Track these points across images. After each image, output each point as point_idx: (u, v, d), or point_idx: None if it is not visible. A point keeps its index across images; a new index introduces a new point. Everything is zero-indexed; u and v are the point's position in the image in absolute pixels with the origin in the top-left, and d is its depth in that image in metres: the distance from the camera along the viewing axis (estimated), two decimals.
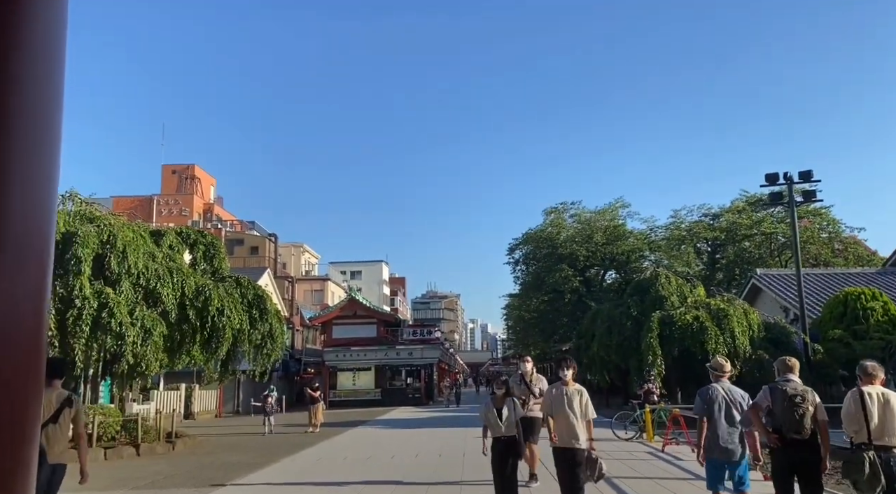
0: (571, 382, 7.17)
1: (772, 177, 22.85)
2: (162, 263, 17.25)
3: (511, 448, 7.44)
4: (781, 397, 5.95)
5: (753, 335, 20.47)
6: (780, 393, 5.99)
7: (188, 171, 58.72)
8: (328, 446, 16.73)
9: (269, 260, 49.35)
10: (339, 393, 37.72)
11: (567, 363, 7.26)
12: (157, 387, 29.60)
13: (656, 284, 22.06)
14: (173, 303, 16.92)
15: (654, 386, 17.01)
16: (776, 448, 5.97)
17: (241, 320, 17.95)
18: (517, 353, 77.60)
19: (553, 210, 39.77)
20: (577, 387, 7.16)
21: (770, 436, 5.98)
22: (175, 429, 18.49)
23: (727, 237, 35.17)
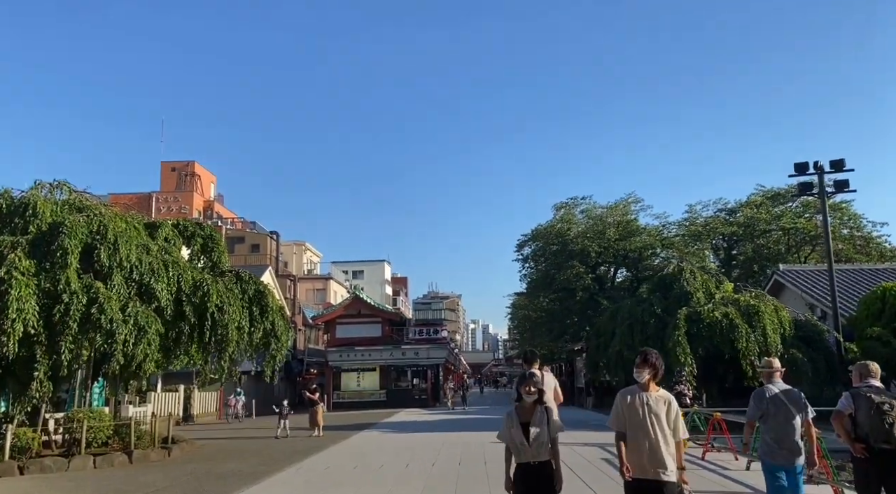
0: (654, 386, 5.03)
1: (801, 166, 21.69)
2: (157, 256, 16.08)
3: (544, 479, 5.12)
4: (867, 404, 5.66)
5: (785, 333, 19.30)
6: (864, 400, 5.70)
7: (188, 168, 57.60)
8: (335, 452, 15.56)
9: (270, 259, 48.21)
10: (344, 394, 36.53)
11: (648, 359, 4.99)
12: (155, 389, 28.43)
13: (681, 280, 20.87)
14: (169, 299, 15.73)
15: (686, 388, 15.84)
16: (862, 458, 5.65)
17: (242, 317, 16.77)
18: (521, 353, 76.30)
19: (563, 205, 38.62)
20: (661, 394, 5.02)
21: (856, 445, 5.67)
22: (171, 434, 17.36)
23: (745, 232, 33.98)
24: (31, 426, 14.86)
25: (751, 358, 18.53)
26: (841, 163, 21.16)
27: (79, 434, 14.26)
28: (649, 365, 5.01)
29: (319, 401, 21.10)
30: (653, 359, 5.02)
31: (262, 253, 49.23)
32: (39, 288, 13.80)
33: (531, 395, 5.26)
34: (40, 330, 13.79)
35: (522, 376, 5.44)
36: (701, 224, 35.52)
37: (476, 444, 15.92)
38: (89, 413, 14.90)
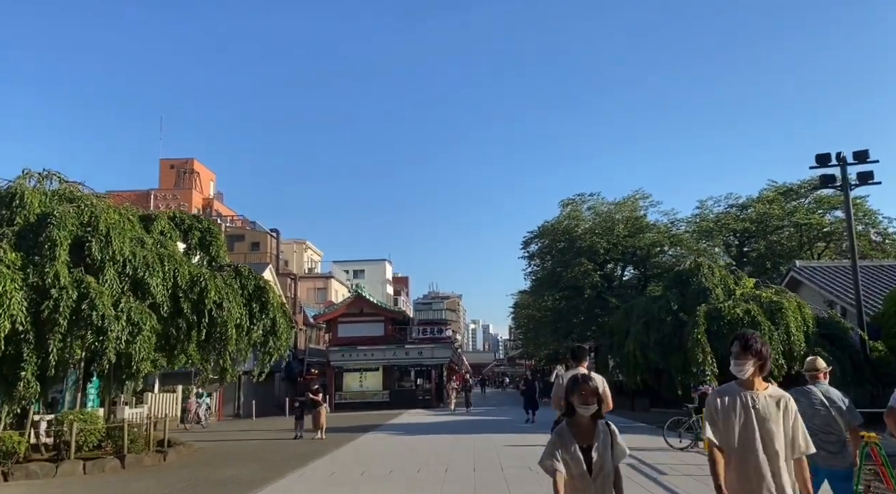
0: (760, 382, 3.65)
1: (823, 157, 20.83)
2: (152, 250, 15.26)
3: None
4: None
5: (808, 331, 18.47)
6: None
7: (187, 165, 56.82)
8: (340, 456, 14.73)
9: (270, 257, 47.40)
10: (346, 395, 35.68)
11: (750, 345, 3.59)
12: (152, 390, 27.61)
13: (698, 275, 20.04)
14: (165, 295, 14.91)
15: (710, 389, 14.99)
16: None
17: (242, 314, 15.95)
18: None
19: (570, 201, 37.73)
20: (772, 393, 3.64)
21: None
22: (167, 437, 16.55)
23: (757, 229, 33.13)
24: (19, 429, 14.08)
25: (775, 357, 17.70)
26: (865, 154, 20.33)
27: (68, 438, 13.44)
28: (753, 353, 3.57)
29: (322, 402, 20.28)
30: (757, 346, 3.60)
31: (263, 252, 48.43)
32: (26, 283, 12.99)
33: (589, 406, 3.80)
34: (28, 327, 12.96)
35: (575, 379, 3.94)
36: (712, 220, 34.66)
37: (488, 447, 15.11)
38: (80, 415, 14.08)
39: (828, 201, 33.06)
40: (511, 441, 16.33)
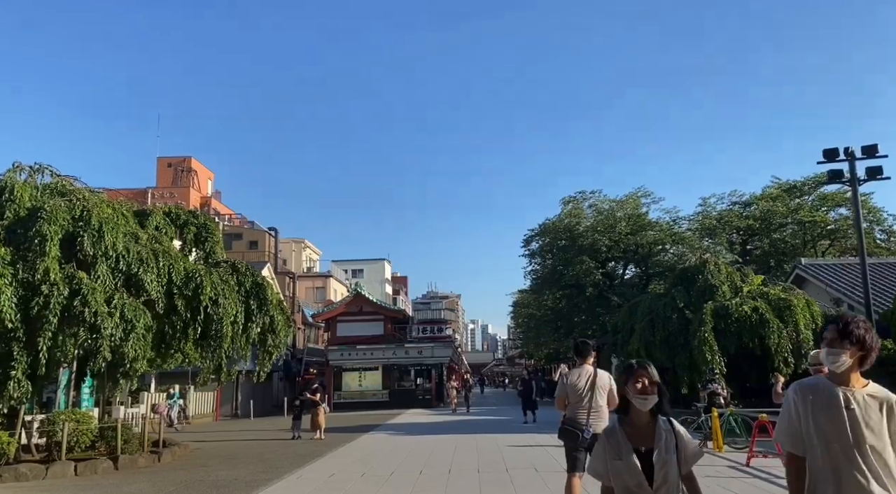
0: (858, 378, 2.82)
1: (831, 152, 20.39)
2: (146, 245, 14.86)
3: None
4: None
5: (817, 328, 18.09)
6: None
7: (184, 164, 56.43)
8: (339, 457, 14.34)
9: (269, 255, 47.02)
10: (345, 395, 35.27)
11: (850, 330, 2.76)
12: (148, 389, 27.21)
13: (704, 272, 19.67)
14: (159, 292, 14.51)
15: (720, 387, 14.64)
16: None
17: (238, 312, 15.55)
18: (524, 352, 74.92)
19: (571, 199, 37.35)
20: (874, 391, 2.80)
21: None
22: (163, 437, 16.16)
23: (761, 226, 32.76)
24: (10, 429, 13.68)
25: (784, 356, 17.36)
26: (874, 148, 19.88)
27: (60, 438, 13.04)
28: (853, 340, 2.76)
29: (321, 402, 19.87)
30: (859, 331, 2.76)
31: (261, 250, 48.05)
32: (16, 279, 12.59)
33: (648, 398, 3.00)
34: (17, 325, 12.56)
35: (629, 367, 3.16)
36: (715, 217, 34.28)
37: (491, 448, 14.72)
38: (72, 415, 13.66)
39: (832, 198, 32.76)
40: (514, 442, 15.94)
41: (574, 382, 6.81)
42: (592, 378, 6.84)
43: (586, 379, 6.82)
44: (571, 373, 6.98)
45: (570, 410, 6.82)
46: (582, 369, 6.93)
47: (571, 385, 6.82)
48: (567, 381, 6.88)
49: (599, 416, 6.72)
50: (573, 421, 6.75)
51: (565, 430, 6.78)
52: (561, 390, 7.01)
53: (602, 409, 6.77)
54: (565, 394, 6.90)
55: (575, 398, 6.78)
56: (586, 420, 6.66)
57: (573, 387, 6.80)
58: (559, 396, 7.03)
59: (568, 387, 6.84)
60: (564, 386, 6.90)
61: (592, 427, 6.61)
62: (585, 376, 6.85)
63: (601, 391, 6.79)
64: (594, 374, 6.87)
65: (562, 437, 6.83)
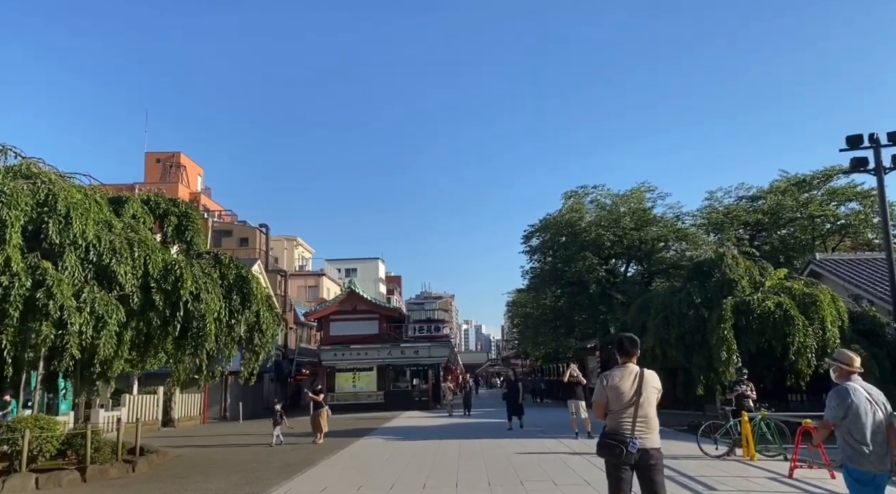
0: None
1: (854, 139, 19.25)
2: (121, 234, 13.57)
3: None
4: None
5: (843, 325, 16.97)
6: None
7: (173, 159, 55.04)
8: (332, 466, 13.06)
9: (259, 253, 45.68)
10: (338, 396, 33.91)
11: None
12: (131, 391, 25.84)
13: (721, 266, 18.48)
14: (134, 285, 13.24)
15: (748, 388, 13.44)
16: None
17: (221, 307, 14.27)
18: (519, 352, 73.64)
19: (573, 193, 36.11)
20: None
21: None
22: (140, 443, 14.85)
23: (770, 220, 31.62)
24: None
25: (808, 356, 16.19)
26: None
27: (21, 447, 11.72)
28: None
29: (324, 404, 18.65)
30: None
31: (251, 248, 46.71)
32: None
33: None
34: None
35: None
36: (722, 212, 33.12)
37: (498, 456, 13.47)
38: (35, 422, 12.34)
39: (842, 193, 31.68)
40: (523, 448, 14.71)
41: (616, 384, 5.53)
42: (639, 379, 5.58)
43: (632, 381, 5.55)
44: (612, 374, 5.69)
45: (613, 419, 5.55)
46: (626, 369, 5.66)
47: (613, 388, 5.53)
48: (608, 383, 5.59)
49: (648, 426, 5.47)
50: (616, 433, 5.48)
51: (606, 444, 5.51)
52: (600, 394, 5.73)
53: (651, 418, 5.52)
54: (606, 400, 5.63)
55: (618, 404, 5.51)
56: (631, 431, 5.41)
57: (616, 391, 5.52)
58: (598, 402, 5.75)
59: (609, 391, 5.57)
60: (604, 390, 5.61)
61: (640, 439, 5.37)
62: (631, 377, 5.58)
63: (651, 395, 5.54)
64: (641, 375, 5.61)
65: (602, 452, 5.56)
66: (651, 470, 5.38)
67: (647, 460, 5.35)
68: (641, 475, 5.41)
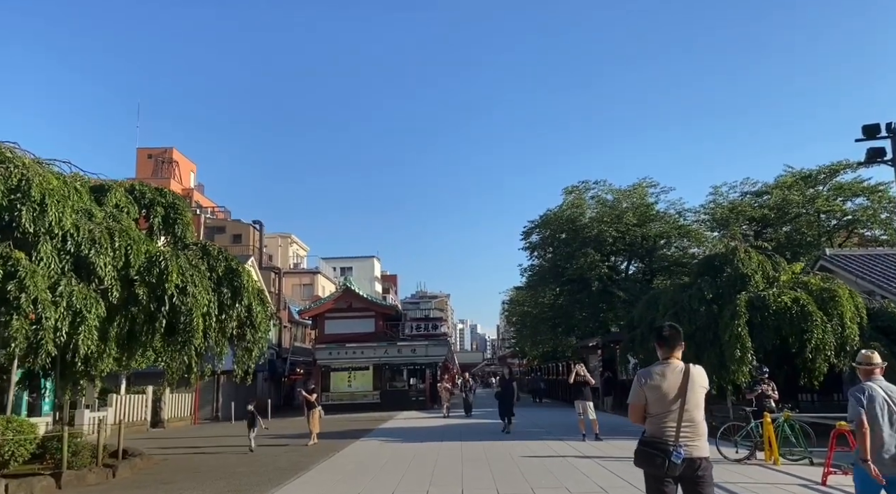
0: None
1: (871, 128, 18.57)
2: (101, 223, 12.73)
3: None
4: None
5: (862, 322, 16.22)
6: None
7: (165, 155, 54.05)
8: (326, 472, 12.25)
9: (253, 250, 44.79)
10: (333, 396, 33.06)
11: None
12: (118, 391, 24.94)
13: (734, 260, 17.71)
14: (115, 277, 12.40)
15: (770, 388, 12.67)
16: None
17: (210, 301, 13.43)
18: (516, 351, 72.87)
19: (574, 189, 35.36)
20: None
21: None
22: (123, 446, 14.01)
23: (776, 216, 30.90)
24: None
25: (827, 353, 15.44)
26: None
27: None
28: None
29: (317, 404, 17.82)
30: None
31: (245, 245, 45.85)
32: None
33: None
34: None
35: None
36: (727, 207, 32.37)
37: (504, 459, 12.67)
38: (6, 423, 11.49)
39: (849, 188, 31.01)
40: (528, 451, 13.92)
41: (657, 383, 4.71)
42: (685, 377, 4.77)
43: (677, 380, 4.75)
44: (652, 371, 4.87)
45: (654, 424, 4.73)
46: (669, 365, 4.83)
47: (654, 387, 4.71)
48: (647, 382, 4.77)
49: (695, 432, 4.65)
50: (657, 440, 4.65)
51: (645, 453, 4.68)
52: (637, 395, 4.89)
53: (699, 423, 4.72)
54: (644, 401, 4.82)
55: (660, 406, 4.68)
56: (676, 437, 4.60)
57: (657, 391, 4.70)
58: (636, 404, 4.92)
59: (648, 391, 4.74)
60: (643, 389, 4.78)
61: (686, 447, 4.56)
62: (675, 375, 4.77)
63: (698, 396, 4.74)
64: (687, 372, 4.80)
65: (641, 463, 4.73)
66: (699, 484, 4.58)
67: (695, 471, 4.55)
68: (688, 489, 4.60)
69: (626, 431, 18.17)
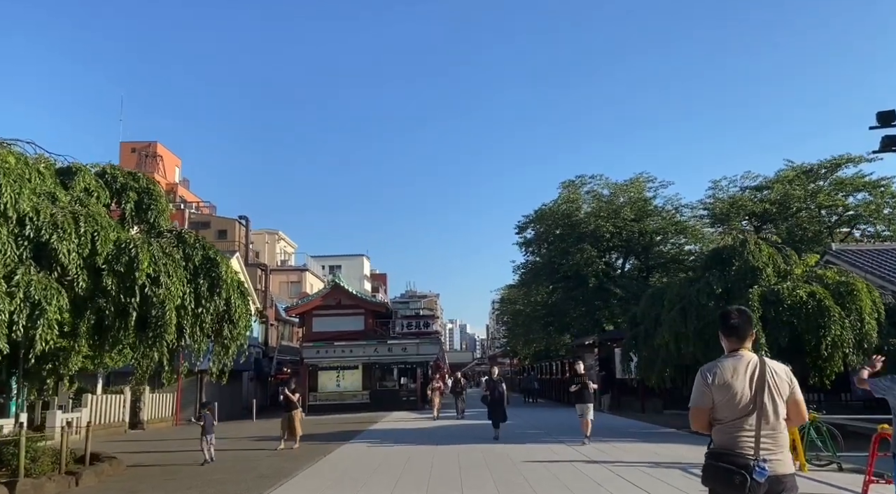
0: None
1: (886, 115, 17.55)
2: (65, 207, 11.63)
3: None
4: None
5: (880, 318, 15.37)
6: None
7: (149, 149, 52.74)
8: (311, 478, 11.20)
9: (239, 246, 43.62)
10: (321, 396, 31.96)
11: None
12: (94, 390, 23.76)
13: (744, 253, 16.81)
14: (80, 266, 11.29)
15: None
16: None
17: (185, 292, 12.34)
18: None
19: (569, 183, 34.48)
20: None
21: None
22: (90, 451, 12.92)
23: (778, 211, 30.11)
24: None
25: (845, 349, 14.58)
26: None
27: None
28: None
29: (297, 405, 16.71)
30: None
31: (230, 240, 44.65)
32: None
33: None
34: None
35: None
36: (727, 201, 31.57)
37: (505, 465, 11.67)
38: None
39: (850, 183, 30.32)
40: (530, 455, 12.94)
41: (728, 381, 3.69)
42: (760, 373, 3.77)
43: (749, 376, 3.75)
44: (720, 366, 3.82)
45: (725, 433, 3.71)
46: (739, 359, 3.80)
47: (724, 386, 3.69)
48: (715, 380, 3.75)
49: (777, 442, 3.64)
50: (731, 453, 3.65)
51: (718, 470, 3.64)
52: (702, 396, 3.85)
53: (781, 432, 3.71)
54: (711, 403, 3.81)
55: (732, 411, 3.68)
56: (755, 449, 3.59)
57: (727, 391, 3.67)
58: (700, 406, 3.87)
59: (716, 391, 3.72)
60: (709, 389, 3.75)
61: (769, 462, 3.56)
62: (746, 370, 3.77)
63: (777, 396, 3.74)
64: (761, 367, 3.80)
65: (711, 481, 3.70)
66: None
67: (779, 492, 3.58)
68: None
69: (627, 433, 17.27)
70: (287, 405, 16.58)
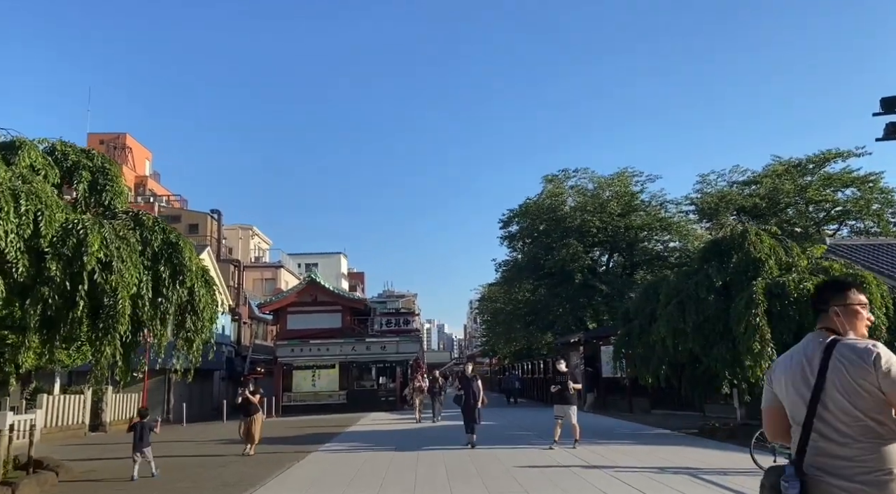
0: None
1: (890, 101, 16.93)
2: (6, 183, 10.31)
3: None
4: None
5: (888, 312, 14.58)
6: None
7: (118, 141, 50.86)
8: (284, 487, 10.02)
9: (211, 241, 42.09)
10: (296, 396, 30.65)
11: None
12: (52, 390, 22.25)
13: (745, 244, 15.93)
14: (20, 249, 9.97)
15: None
16: None
17: (142, 280, 11.07)
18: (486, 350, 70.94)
19: (553, 177, 33.55)
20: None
21: None
22: (34, 457, 11.60)
23: (767, 206, 29.48)
24: None
25: None
26: None
27: None
28: None
29: (258, 408, 15.42)
30: None
31: (202, 235, 43.10)
32: None
33: None
34: None
35: None
36: (716, 195, 30.88)
37: (497, 472, 10.58)
38: None
39: (839, 178, 29.83)
40: (522, 459, 11.89)
41: (782, 373, 2.69)
42: (823, 357, 2.69)
43: (815, 363, 2.69)
44: (787, 355, 2.82)
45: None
46: (808, 343, 2.78)
47: (780, 380, 2.70)
48: (771, 376, 2.74)
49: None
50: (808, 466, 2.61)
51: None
52: (772, 397, 2.82)
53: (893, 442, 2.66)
54: (776, 403, 2.77)
55: (798, 409, 2.65)
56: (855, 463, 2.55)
57: (784, 386, 2.68)
58: (765, 407, 2.83)
59: (776, 387, 2.72)
60: (769, 386, 2.74)
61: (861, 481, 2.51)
62: (814, 355, 2.72)
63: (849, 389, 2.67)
64: (828, 350, 2.72)
65: None
66: None
67: None
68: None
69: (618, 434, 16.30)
70: (246, 408, 15.24)
